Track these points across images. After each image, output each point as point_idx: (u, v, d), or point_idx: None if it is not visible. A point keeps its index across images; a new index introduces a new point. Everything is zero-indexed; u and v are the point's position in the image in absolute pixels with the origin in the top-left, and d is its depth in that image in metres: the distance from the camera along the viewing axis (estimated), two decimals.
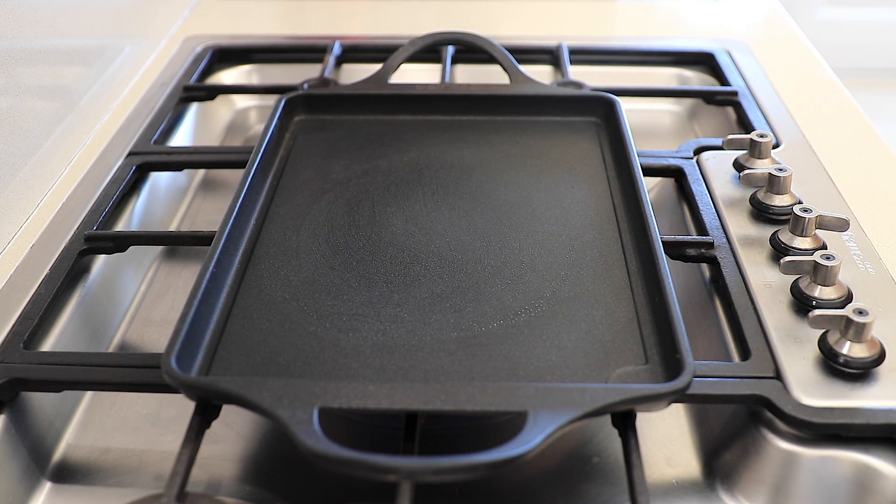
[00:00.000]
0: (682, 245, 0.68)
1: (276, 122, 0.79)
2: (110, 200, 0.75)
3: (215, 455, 0.59)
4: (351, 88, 0.86)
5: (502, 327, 0.58)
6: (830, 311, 0.56)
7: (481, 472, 0.45)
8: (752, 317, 0.61)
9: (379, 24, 1.16)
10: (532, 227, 0.68)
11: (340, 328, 0.58)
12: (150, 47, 1.07)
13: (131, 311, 0.74)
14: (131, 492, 0.56)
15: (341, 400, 0.49)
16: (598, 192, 0.73)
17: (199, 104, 0.99)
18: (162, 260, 0.80)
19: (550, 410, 0.48)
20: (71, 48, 0.88)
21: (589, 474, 0.58)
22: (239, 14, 1.19)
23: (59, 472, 0.59)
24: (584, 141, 0.80)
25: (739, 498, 0.56)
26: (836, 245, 0.67)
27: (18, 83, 0.76)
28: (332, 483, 0.57)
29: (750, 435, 0.56)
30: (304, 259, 0.65)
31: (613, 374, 0.54)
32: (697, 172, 0.78)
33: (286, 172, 0.76)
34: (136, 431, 0.62)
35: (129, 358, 0.60)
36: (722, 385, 0.55)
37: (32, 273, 0.67)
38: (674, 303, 0.55)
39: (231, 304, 0.60)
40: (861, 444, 0.54)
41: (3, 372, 0.57)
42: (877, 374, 0.55)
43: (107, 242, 0.70)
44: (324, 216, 0.70)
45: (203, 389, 0.52)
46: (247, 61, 1.07)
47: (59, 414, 0.62)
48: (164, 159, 0.83)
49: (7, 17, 0.74)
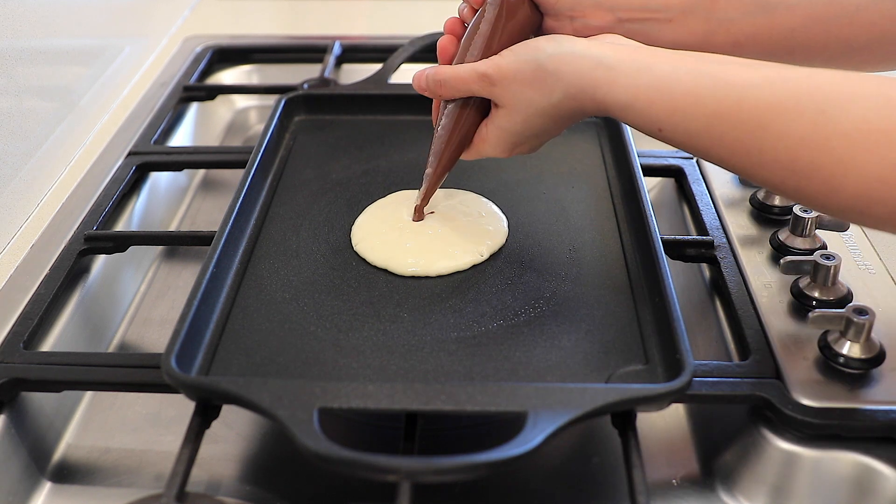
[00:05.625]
0: (682, 245, 0.68)
1: (276, 122, 0.79)
2: (110, 200, 0.75)
3: (215, 455, 0.59)
4: (351, 88, 0.87)
5: (502, 327, 0.58)
6: (830, 311, 0.56)
7: (481, 472, 0.45)
8: (752, 317, 0.61)
9: (379, 24, 1.16)
10: (532, 227, 0.68)
11: (340, 328, 0.58)
12: (150, 47, 1.07)
13: (131, 311, 0.74)
14: (131, 492, 0.56)
15: (341, 400, 0.49)
16: (598, 192, 0.73)
17: (199, 104, 0.99)
18: (162, 260, 0.80)
19: (550, 410, 0.48)
20: (71, 48, 0.88)
21: (589, 474, 0.58)
22: (239, 14, 1.19)
23: (59, 472, 0.59)
24: (584, 141, 0.80)
25: (739, 498, 0.56)
26: (836, 245, 0.67)
27: (18, 83, 0.76)
28: (332, 483, 0.57)
29: (750, 435, 0.56)
30: (304, 259, 0.65)
31: (613, 374, 0.54)
32: (697, 172, 0.78)
33: (286, 172, 0.76)
34: (136, 431, 0.62)
35: (129, 358, 0.60)
36: (722, 385, 0.55)
37: (32, 273, 0.67)
38: (674, 303, 0.55)
39: (231, 304, 0.60)
40: (861, 444, 0.54)
41: (3, 372, 0.57)
42: (876, 374, 0.55)
43: (107, 242, 0.70)
44: (324, 216, 0.70)
45: (203, 389, 0.52)
46: (247, 61, 1.07)
47: (59, 414, 0.62)
48: (164, 159, 0.83)
49: (7, 17, 0.74)
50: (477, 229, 0.67)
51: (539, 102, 0.55)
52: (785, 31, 0.57)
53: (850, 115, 0.44)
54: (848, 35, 0.56)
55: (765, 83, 0.47)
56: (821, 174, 0.45)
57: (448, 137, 0.61)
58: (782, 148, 0.46)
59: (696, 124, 0.49)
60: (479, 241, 0.65)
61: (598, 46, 0.53)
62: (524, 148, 0.60)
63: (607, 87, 0.52)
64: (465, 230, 0.66)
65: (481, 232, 0.66)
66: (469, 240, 0.65)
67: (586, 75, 0.52)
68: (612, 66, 0.52)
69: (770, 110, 0.46)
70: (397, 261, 0.64)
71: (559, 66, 0.53)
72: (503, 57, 0.56)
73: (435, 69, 0.60)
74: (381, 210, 0.70)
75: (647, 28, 0.58)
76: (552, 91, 0.54)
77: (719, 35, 0.58)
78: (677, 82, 0.49)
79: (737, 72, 0.48)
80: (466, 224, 0.67)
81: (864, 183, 0.44)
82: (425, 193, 0.65)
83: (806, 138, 0.45)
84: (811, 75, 0.46)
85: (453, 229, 0.67)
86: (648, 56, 0.52)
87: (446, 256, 0.64)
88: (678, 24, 0.58)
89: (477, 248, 0.65)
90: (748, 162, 0.48)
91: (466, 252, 0.64)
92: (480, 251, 0.65)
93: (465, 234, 0.66)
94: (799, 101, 0.45)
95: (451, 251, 0.64)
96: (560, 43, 0.54)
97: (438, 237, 0.66)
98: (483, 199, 0.71)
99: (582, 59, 0.53)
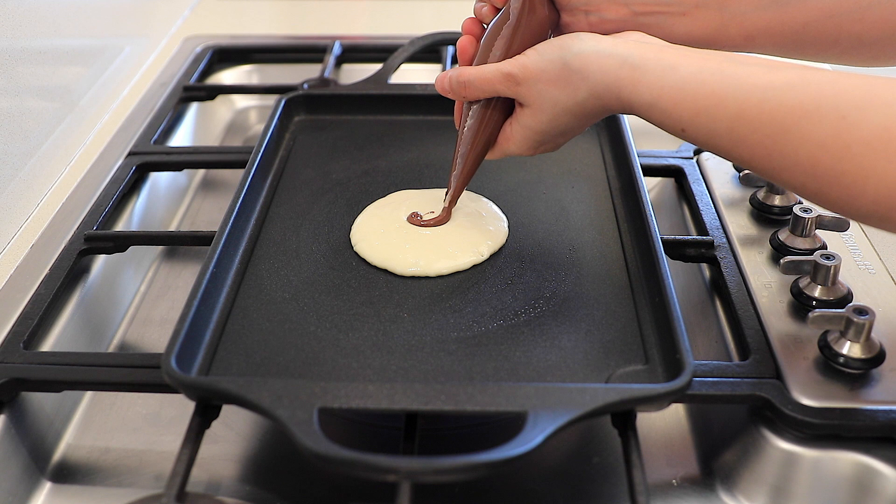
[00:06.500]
0: (682, 245, 0.68)
1: (276, 122, 0.79)
2: (110, 200, 0.75)
3: (215, 455, 0.59)
4: (351, 88, 0.87)
5: (502, 327, 0.58)
6: (830, 311, 0.56)
7: (481, 472, 0.45)
8: (752, 317, 0.61)
9: (379, 24, 1.16)
10: (532, 227, 0.68)
11: (340, 328, 0.58)
12: (150, 47, 1.07)
13: (131, 311, 0.74)
14: (131, 492, 0.56)
15: (341, 400, 0.49)
16: (598, 192, 0.73)
17: (199, 104, 0.99)
18: (162, 260, 0.80)
19: (550, 410, 0.48)
20: (71, 48, 0.88)
21: (589, 474, 0.58)
22: (239, 14, 1.19)
23: (59, 472, 0.59)
24: (584, 141, 0.80)
25: (739, 498, 0.56)
26: (836, 245, 0.67)
27: (18, 83, 0.76)
28: (332, 483, 0.57)
29: (750, 435, 0.56)
30: (304, 259, 0.65)
31: (613, 374, 0.54)
32: (697, 172, 0.78)
33: (286, 172, 0.76)
34: (136, 431, 0.62)
35: (129, 358, 0.60)
36: (722, 385, 0.55)
37: (32, 273, 0.67)
38: (674, 303, 0.55)
39: (231, 304, 0.60)
40: (861, 444, 0.54)
41: (3, 372, 0.57)
42: (876, 374, 0.55)
43: (107, 242, 0.70)
44: (324, 216, 0.70)
45: (203, 389, 0.52)
46: (247, 61, 1.07)
47: (59, 414, 0.62)
48: (164, 159, 0.83)
49: (7, 17, 0.74)
50: (477, 229, 0.67)
51: (565, 101, 0.55)
52: (797, 25, 0.57)
53: (872, 122, 0.44)
54: (859, 30, 0.56)
55: (787, 86, 0.47)
56: (841, 180, 0.45)
57: (474, 138, 0.61)
58: (803, 152, 0.46)
59: (719, 125, 0.49)
60: (479, 241, 0.65)
61: (624, 45, 0.53)
62: (548, 146, 0.60)
63: (632, 87, 0.52)
64: (465, 230, 0.66)
65: (481, 232, 0.66)
66: (469, 240, 0.65)
67: (611, 74, 0.52)
68: (637, 65, 0.52)
69: (792, 114, 0.46)
70: (397, 261, 0.64)
71: (585, 65, 0.53)
72: (527, 56, 0.56)
73: (458, 71, 0.60)
74: (381, 210, 0.70)
75: (661, 21, 0.59)
76: (577, 90, 0.54)
77: (732, 28, 0.58)
78: (702, 83, 0.49)
79: (760, 74, 0.48)
80: (466, 224, 0.67)
81: (885, 190, 0.44)
82: (453, 195, 0.65)
83: (827, 144, 0.45)
84: (835, 80, 0.46)
85: (453, 229, 0.67)
86: (674, 56, 0.52)
87: (446, 256, 0.64)
88: (691, 18, 0.58)
89: (477, 248, 0.65)
90: (769, 165, 0.48)
91: (466, 252, 0.64)
92: (480, 251, 0.65)
93: (465, 234, 0.66)
94: (820, 106, 0.45)
95: (451, 251, 0.64)
96: (585, 41, 0.54)
97: (438, 237, 0.66)
98: (483, 199, 0.71)
99: (608, 58, 0.53)
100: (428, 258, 0.64)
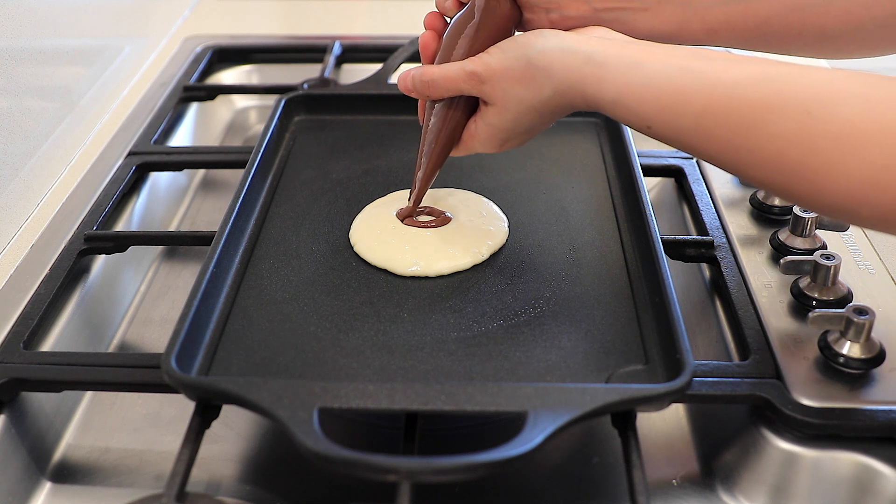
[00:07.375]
0: (682, 245, 0.68)
1: (276, 122, 0.79)
2: (110, 200, 0.75)
3: (215, 455, 0.59)
4: (351, 88, 0.87)
5: (502, 327, 0.58)
6: (830, 311, 0.56)
7: (481, 472, 0.45)
8: (752, 317, 0.61)
9: (379, 24, 1.16)
10: (532, 227, 0.68)
11: (340, 328, 0.58)
12: (150, 47, 1.07)
13: (131, 311, 0.74)
14: (131, 492, 0.56)
15: (341, 400, 0.49)
16: (598, 192, 0.73)
17: (199, 104, 0.99)
18: (162, 260, 0.80)
19: (550, 410, 0.48)
20: (71, 48, 0.88)
21: (589, 474, 0.58)
22: (239, 14, 1.19)
23: (59, 472, 0.59)
24: (584, 141, 0.80)
25: (739, 498, 0.56)
26: (836, 245, 0.67)
27: (18, 83, 0.76)
28: (332, 483, 0.57)
29: (750, 435, 0.56)
30: (304, 259, 0.65)
31: (613, 374, 0.54)
32: (697, 172, 0.78)
33: (286, 172, 0.76)
34: (136, 431, 0.62)
35: (129, 358, 0.60)
36: (722, 385, 0.55)
37: (32, 273, 0.67)
38: (674, 303, 0.55)
39: (231, 304, 0.60)
40: (861, 444, 0.54)
41: (3, 372, 0.57)
42: (876, 374, 0.55)
43: (107, 242, 0.70)
44: (324, 216, 0.70)
45: (203, 389, 0.52)
46: (247, 61, 1.07)
47: (59, 414, 0.62)
48: (164, 159, 0.83)
49: (7, 17, 0.74)
50: (477, 229, 0.67)
51: (530, 99, 0.54)
52: (759, 18, 0.57)
53: (836, 116, 0.44)
54: (823, 23, 0.56)
55: (752, 81, 0.47)
56: (807, 174, 0.45)
57: (437, 137, 0.60)
58: (770, 147, 0.46)
59: (685, 122, 0.49)
60: (479, 241, 0.65)
61: (587, 41, 0.53)
62: (513, 143, 0.60)
63: (597, 84, 0.51)
64: (465, 230, 0.66)
65: (481, 232, 0.66)
66: (469, 240, 0.65)
67: (576, 72, 0.52)
68: (601, 62, 0.51)
69: (757, 109, 0.46)
70: (397, 261, 0.64)
71: (549, 63, 0.53)
72: (491, 55, 0.56)
73: (422, 70, 0.59)
74: (381, 209, 0.70)
75: (623, 17, 0.58)
76: (542, 88, 0.53)
77: (694, 23, 0.58)
78: (667, 79, 0.49)
79: (725, 69, 0.48)
80: (466, 224, 0.67)
81: (850, 184, 0.44)
82: (418, 194, 0.65)
83: (793, 138, 0.45)
84: (800, 74, 0.46)
85: (453, 229, 0.67)
86: (638, 52, 0.51)
87: (446, 256, 0.64)
88: (653, 13, 0.58)
89: (477, 248, 0.65)
90: (736, 160, 0.48)
91: (466, 252, 0.64)
92: (480, 251, 0.65)
93: (466, 234, 0.66)
94: (786, 100, 0.45)
95: (451, 251, 0.64)
96: (548, 38, 0.54)
97: (438, 237, 0.66)
98: (483, 199, 0.71)
99: (572, 55, 0.52)
100: (428, 258, 0.64)
